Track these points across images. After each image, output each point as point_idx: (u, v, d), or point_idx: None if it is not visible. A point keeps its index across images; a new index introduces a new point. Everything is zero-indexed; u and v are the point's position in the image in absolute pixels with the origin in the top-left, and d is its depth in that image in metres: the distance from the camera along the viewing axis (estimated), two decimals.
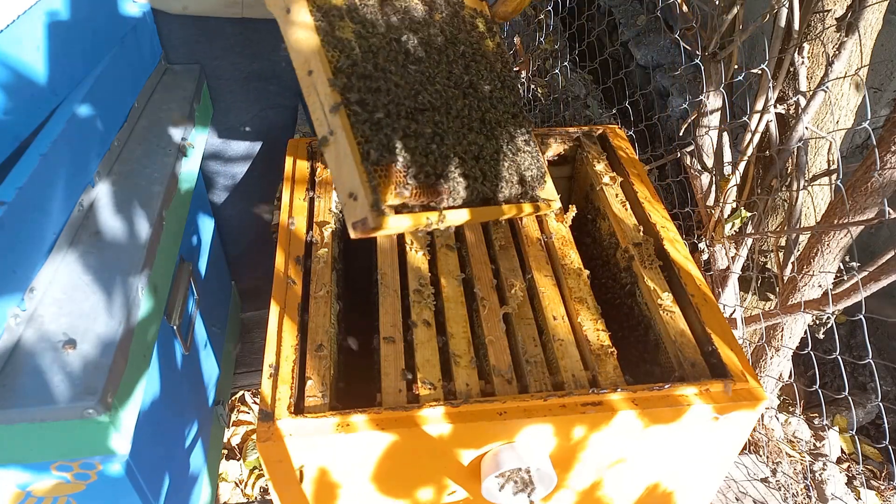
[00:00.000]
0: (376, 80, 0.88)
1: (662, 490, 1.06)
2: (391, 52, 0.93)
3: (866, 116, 1.32)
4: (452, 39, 1.07)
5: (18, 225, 0.93)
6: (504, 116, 1.09)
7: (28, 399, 0.85)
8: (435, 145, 0.93)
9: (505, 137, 1.08)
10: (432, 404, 0.90)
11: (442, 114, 0.97)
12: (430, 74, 0.98)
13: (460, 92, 1.03)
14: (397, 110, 0.89)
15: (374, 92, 0.87)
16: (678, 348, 1.01)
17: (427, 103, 0.93)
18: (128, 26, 1.35)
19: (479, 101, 1.06)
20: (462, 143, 0.98)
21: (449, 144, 0.95)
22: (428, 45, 1.00)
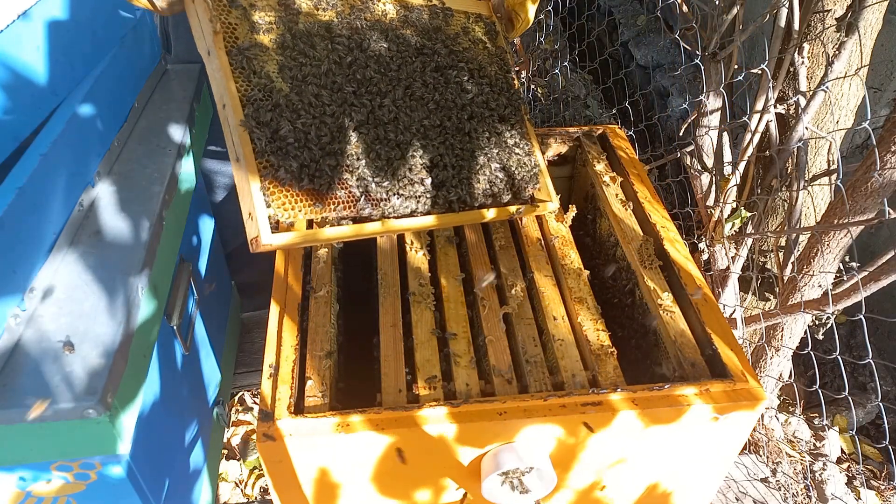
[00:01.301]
0: (285, 109, 0.94)
1: (662, 490, 1.06)
2: (323, 78, 1.00)
3: (866, 116, 1.32)
4: (420, 53, 1.12)
5: (18, 225, 0.93)
6: (489, 120, 1.13)
7: (29, 399, 0.85)
8: (341, 162, 0.96)
9: (484, 142, 1.11)
10: (432, 404, 0.90)
11: (388, 128, 1.03)
12: (381, 91, 1.04)
13: (426, 103, 1.08)
14: (308, 136, 0.94)
15: (281, 120, 0.93)
16: (678, 348, 1.01)
17: (363, 121, 1.01)
18: (128, 26, 1.35)
19: (452, 109, 1.10)
20: (418, 153, 1.04)
21: (388, 158, 1.01)
22: (382, 63, 1.07)
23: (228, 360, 1.79)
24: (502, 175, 1.12)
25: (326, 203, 0.94)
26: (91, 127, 1.17)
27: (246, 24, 0.98)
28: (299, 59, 0.99)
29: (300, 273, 1.10)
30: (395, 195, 1.00)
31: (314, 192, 0.93)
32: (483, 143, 1.11)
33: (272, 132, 0.92)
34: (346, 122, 0.99)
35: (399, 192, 1.00)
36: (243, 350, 1.95)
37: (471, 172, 1.08)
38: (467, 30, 1.20)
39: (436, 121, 1.08)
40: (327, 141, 0.96)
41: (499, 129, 1.14)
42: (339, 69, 1.02)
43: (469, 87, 1.13)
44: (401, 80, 1.07)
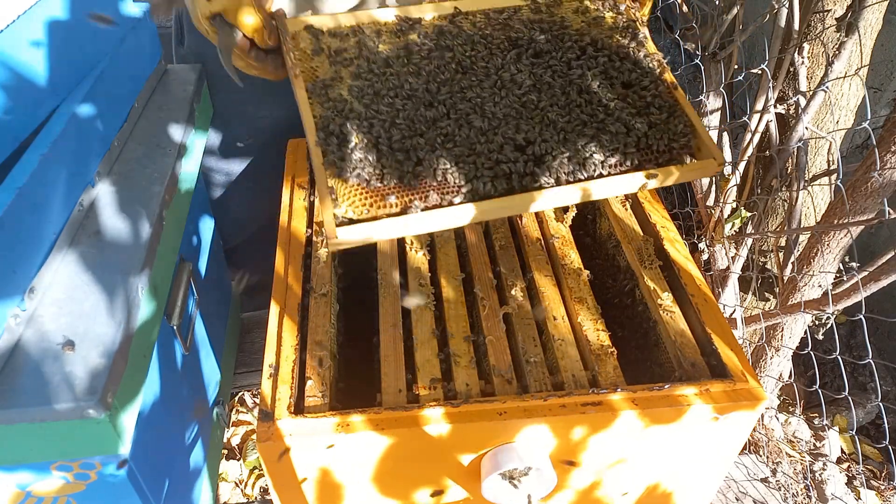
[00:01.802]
0: (355, 119, 1.00)
1: (662, 490, 1.06)
2: (397, 90, 1.04)
3: (866, 116, 1.32)
4: (515, 45, 1.11)
5: (18, 225, 0.93)
6: (607, 88, 1.07)
7: (28, 399, 0.85)
8: (412, 156, 0.97)
9: (600, 110, 1.05)
10: (432, 404, 0.90)
11: (470, 118, 1.01)
12: (465, 86, 1.05)
13: (518, 86, 1.06)
14: (378, 139, 0.97)
15: (349, 128, 0.98)
16: (678, 348, 1.01)
17: (442, 114, 1.01)
18: (128, 26, 1.35)
19: (553, 87, 1.06)
20: (507, 134, 1.00)
21: (471, 145, 0.99)
22: (467, 63, 1.08)
23: (228, 360, 1.79)
24: (628, 139, 1.03)
25: (402, 197, 0.94)
26: (91, 127, 1.17)
27: (327, 64, 1.06)
28: (373, 80, 1.04)
29: (300, 273, 1.10)
30: (479, 179, 0.96)
31: (387, 188, 0.94)
32: (597, 111, 1.05)
33: (340, 141, 0.96)
34: (421, 118, 1.00)
35: (483, 175, 0.96)
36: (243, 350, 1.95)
37: (578, 142, 1.01)
38: (581, 10, 1.18)
39: (531, 101, 1.04)
40: (397, 139, 0.97)
41: (622, 93, 1.08)
42: (416, 79, 1.05)
43: (576, 63, 1.10)
44: (489, 72, 1.07)
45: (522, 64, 1.09)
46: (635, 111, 1.05)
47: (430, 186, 0.95)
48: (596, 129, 1.02)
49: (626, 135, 1.02)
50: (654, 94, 1.07)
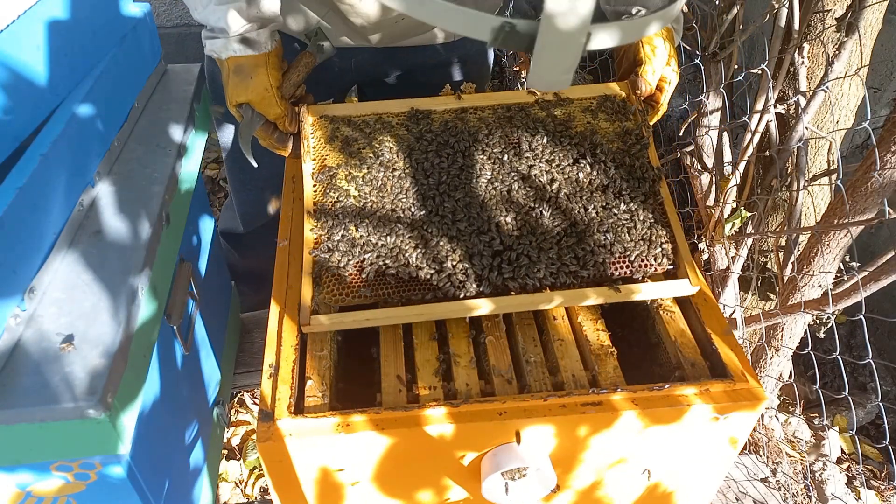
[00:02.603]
0: (346, 217, 1.07)
1: (662, 490, 1.06)
2: (390, 190, 1.10)
3: (866, 116, 1.32)
4: (513, 146, 1.14)
5: (18, 225, 0.93)
6: (596, 196, 1.08)
7: (28, 399, 0.85)
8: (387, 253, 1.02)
9: (581, 219, 1.06)
10: (432, 404, 0.90)
11: (447, 220, 1.05)
12: (453, 188, 1.09)
13: (501, 192, 1.09)
14: (358, 237, 1.04)
15: (338, 227, 1.06)
16: (678, 348, 1.01)
17: (424, 217, 1.06)
18: (128, 26, 1.35)
19: (539, 192, 1.09)
20: (482, 240, 1.04)
21: (447, 247, 1.03)
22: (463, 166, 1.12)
23: (228, 360, 1.79)
24: (603, 252, 1.04)
25: (375, 289, 1.01)
26: (91, 127, 1.17)
27: (338, 150, 1.14)
28: (373, 176, 1.10)
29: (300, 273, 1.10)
30: (446, 280, 1.00)
31: (361, 280, 1.01)
32: (581, 220, 1.06)
33: (329, 236, 1.04)
34: (403, 218, 1.06)
35: (453, 277, 1.00)
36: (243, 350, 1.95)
37: (548, 253, 1.03)
38: (589, 109, 1.19)
39: (517, 204, 1.07)
40: (375, 239, 1.03)
41: (611, 203, 1.08)
42: (412, 182, 1.10)
43: (569, 168, 1.11)
44: (483, 169, 1.11)
45: (518, 163, 1.11)
46: (620, 224, 1.06)
47: (405, 283, 1.00)
48: (575, 240, 1.04)
49: (604, 249, 1.04)
50: (642, 208, 1.08)
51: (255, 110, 1.12)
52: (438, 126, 1.16)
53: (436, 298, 1.00)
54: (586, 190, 1.09)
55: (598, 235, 1.04)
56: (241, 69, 1.09)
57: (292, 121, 1.15)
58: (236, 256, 1.92)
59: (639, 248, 1.04)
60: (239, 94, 1.10)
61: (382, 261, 1.01)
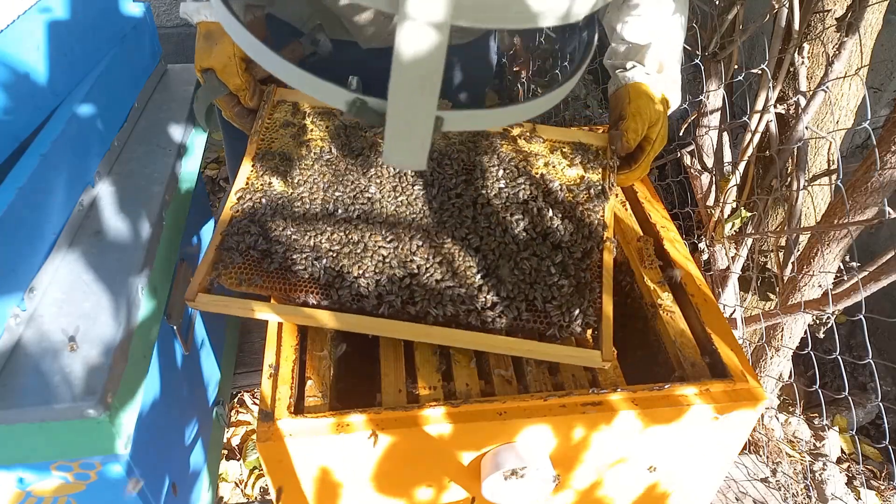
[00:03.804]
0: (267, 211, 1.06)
1: (662, 490, 1.06)
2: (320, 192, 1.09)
3: (866, 116, 1.32)
4: (466, 172, 1.11)
5: (18, 225, 0.93)
6: (530, 244, 1.03)
7: (28, 399, 0.85)
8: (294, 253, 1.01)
9: (504, 262, 1.01)
10: (432, 404, 0.90)
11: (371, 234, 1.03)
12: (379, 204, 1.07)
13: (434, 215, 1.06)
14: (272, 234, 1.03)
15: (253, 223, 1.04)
16: (678, 348, 1.01)
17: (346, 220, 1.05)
18: (128, 26, 1.35)
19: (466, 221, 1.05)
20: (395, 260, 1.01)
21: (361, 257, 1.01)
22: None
23: (228, 360, 1.79)
24: (522, 303, 0.98)
25: (274, 282, 0.99)
26: (91, 127, 1.17)
27: (288, 137, 1.13)
28: (309, 175, 1.10)
29: None
30: (346, 291, 0.97)
31: (262, 270, 1.00)
32: (506, 264, 1.01)
33: (248, 224, 1.03)
34: (327, 220, 1.04)
35: (354, 287, 0.97)
36: (243, 350, 1.95)
37: (460, 287, 0.98)
38: (552, 156, 1.15)
39: (437, 224, 1.04)
40: (291, 233, 1.02)
41: (546, 253, 1.02)
42: (348, 188, 1.08)
43: (515, 207, 1.07)
44: (421, 197, 1.08)
45: (465, 191, 1.08)
46: (548, 279, 1.00)
47: (305, 282, 0.98)
48: (496, 280, 0.99)
49: (523, 300, 0.98)
50: (574, 267, 1.02)
51: (218, 78, 1.10)
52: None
53: (331, 306, 0.97)
54: (525, 234, 1.04)
55: (520, 284, 0.99)
56: (210, 35, 1.09)
57: (253, 95, 1.13)
58: None
59: (557, 310, 0.97)
60: (203, 59, 1.09)
61: (291, 255, 0.99)
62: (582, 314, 0.97)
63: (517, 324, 0.97)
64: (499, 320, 0.96)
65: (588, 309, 0.98)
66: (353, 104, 0.61)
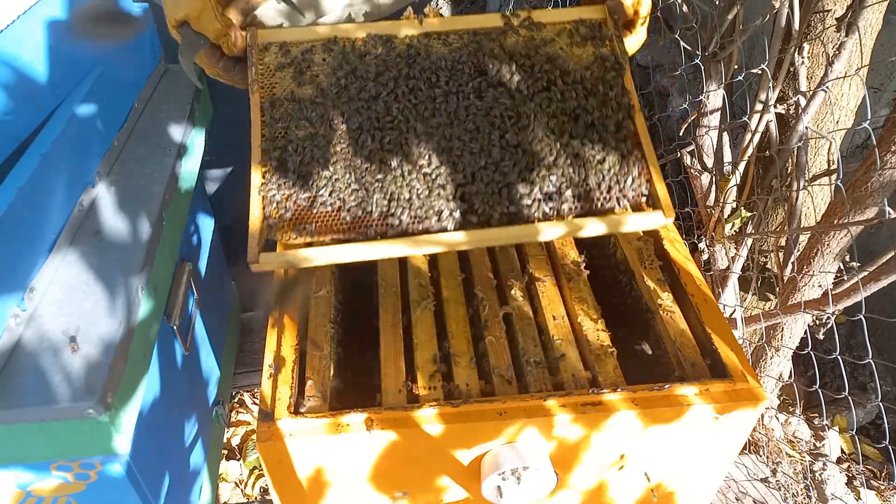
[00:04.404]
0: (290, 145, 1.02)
1: (662, 490, 1.06)
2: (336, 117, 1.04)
3: (866, 116, 1.32)
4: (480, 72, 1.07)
5: (18, 225, 0.93)
6: (564, 126, 1.02)
7: (28, 399, 0.85)
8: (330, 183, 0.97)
9: (546, 150, 1.01)
10: (432, 404, 0.90)
11: (395, 146, 1.00)
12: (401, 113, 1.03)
13: (458, 117, 1.03)
14: (303, 163, 0.99)
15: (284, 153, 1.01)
16: (678, 348, 1.01)
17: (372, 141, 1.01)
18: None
19: (499, 118, 1.03)
20: (434, 165, 0.99)
21: (395, 175, 0.98)
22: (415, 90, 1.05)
23: (228, 360, 1.79)
24: (574, 186, 0.99)
25: (322, 224, 0.95)
26: (91, 127, 1.17)
27: (289, 79, 1.06)
28: (327, 106, 1.04)
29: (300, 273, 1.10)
30: (400, 211, 0.95)
31: (310, 214, 0.96)
32: (551, 151, 1.00)
33: (279, 166, 0.99)
34: (358, 152, 1.00)
35: (403, 210, 0.95)
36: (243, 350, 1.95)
37: (518, 184, 0.98)
38: (562, 34, 1.12)
39: (469, 132, 1.02)
40: (329, 173, 0.98)
41: (582, 133, 1.02)
42: (370, 114, 1.03)
43: (539, 96, 1.05)
44: (447, 100, 1.04)
45: (485, 92, 1.05)
46: (591, 156, 1.01)
47: (358, 218, 0.95)
48: (545, 170, 0.99)
49: (572, 182, 0.99)
50: (615, 138, 1.02)
51: (196, 30, 1.02)
52: (401, 53, 1.08)
53: (394, 234, 0.94)
54: (556, 120, 1.04)
55: (567, 168, 0.99)
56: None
57: (236, 40, 1.05)
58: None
59: (608, 182, 0.99)
60: (175, 10, 1.00)
61: (336, 196, 0.96)
62: (634, 181, 1.00)
63: (576, 206, 0.99)
64: (560, 207, 0.98)
65: (639, 176, 1.01)
66: None
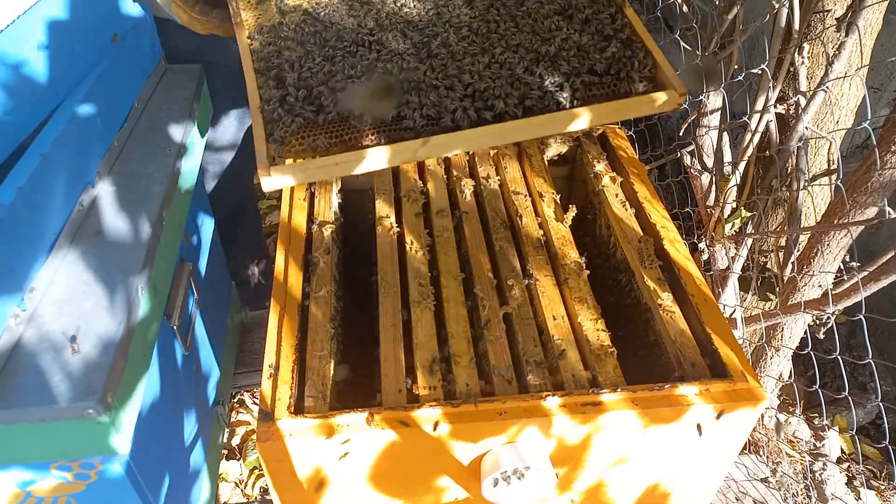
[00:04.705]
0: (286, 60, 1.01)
1: (662, 490, 1.06)
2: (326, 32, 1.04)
3: (866, 116, 1.32)
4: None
5: (18, 225, 0.93)
6: (559, 21, 1.06)
7: (28, 399, 0.85)
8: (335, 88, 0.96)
9: (547, 43, 1.03)
10: (432, 404, 0.90)
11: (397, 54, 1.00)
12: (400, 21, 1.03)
13: (455, 20, 1.04)
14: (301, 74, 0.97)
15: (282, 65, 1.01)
16: (678, 348, 1.01)
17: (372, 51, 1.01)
18: (128, 26, 1.35)
19: (496, 21, 1.05)
20: (439, 66, 0.99)
21: (403, 77, 0.97)
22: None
23: (228, 359, 1.79)
24: (583, 74, 1.01)
25: (333, 134, 0.94)
26: (91, 127, 1.17)
27: (273, 10, 1.06)
28: (318, 24, 1.04)
29: (300, 273, 1.10)
30: (413, 112, 0.94)
31: (318, 125, 0.95)
32: (545, 46, 1.03)
33: (277, 83, 0.98)
34: (358, 55, 1.00)
35: (415, 110, 0.94)
36: (243, 350, 1.95)
37: (522, 78, 0.99)
38: None
39: (468, 33, 1.03)
40: (317, 72, 0.97)
41: (579, 28, 1.06)
42: (362, 19, 1.04)
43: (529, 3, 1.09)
44: (438, 9, 1.06)
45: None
46: (593, 44, 1.05)
47: (367, 125, 0.94)
48: (550, 62, 1.02)
49: (580, 70, 1.02)
50: (612, 28, 1.07)
51: None
52: None
53: (409, 135, 0.94)
54: (551, 20, 1.07)
55: (573, 59, 1.03)
56: None
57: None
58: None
59: (616, 66, 1.03)
60: None
61: (342, 105, 0.94)
62: (639, 64, 1.04)
63: (589, 94, 1.01)
64: (573, 96, 1.00)
65: (644, 58, 1.05)
66: None
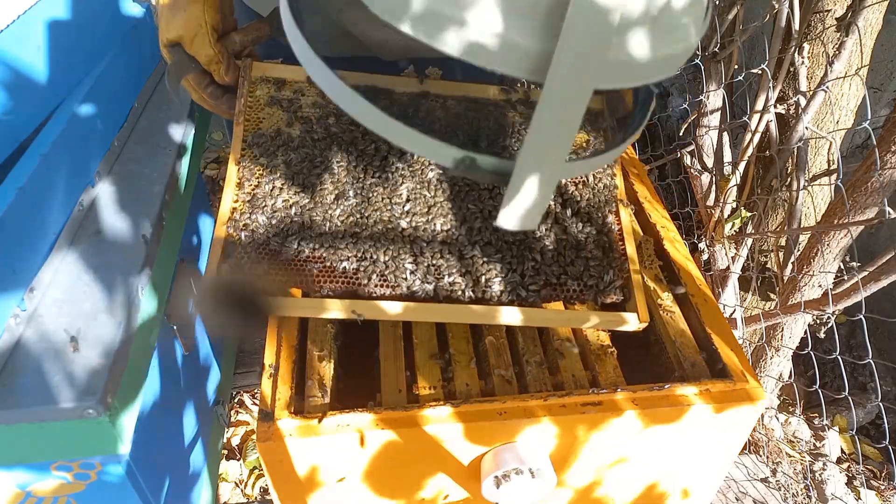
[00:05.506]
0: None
1: (662, 490, 1.06)
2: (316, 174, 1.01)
3: (866, 116, 1.32)
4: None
5: (18, 225, 0.93)
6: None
7: (28, 399, 0.85)
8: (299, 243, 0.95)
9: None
10: (432, 404, 0.90)
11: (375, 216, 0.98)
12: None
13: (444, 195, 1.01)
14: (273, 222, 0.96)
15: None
16: (678, 348, 1.01)
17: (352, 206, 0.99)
18: (128, 26, 1.35)
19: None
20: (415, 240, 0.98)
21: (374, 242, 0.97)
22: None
23: (228, 360, 1.79)
24: (546, 274, 0.98)
25: (290, 272, 0.95)
26: (91, 127, 1.17)
27: (278, 115, 1.04)
28: (309, 153, 1.02)
29: None
30: (367, 275, 0.94)
31: (276, 259, 0.95)
32: (526, 237, 0.99)
33: (252, 207, 0.97)
34: (333, 202, 0.98)
35: (378, 274, 0.95)
36: (243, 350, 1.95)
37: (490, 267, 0.97)
38: None
39: (460, 215, 1.00)
40: (300, 219, 0.97)
41: (566, 221, 1.02)
42: (351, 168, 1.02)
43: None
44: (426, 176, 1.02)
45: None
46: (571, 246, 1.01)
47: (323, 271, 0.95)
48: (516, 257, 0.98)
49: (545, 271, 0.99)
50: (597, 231, 1.02)
51: (187, 52, 1.00)
52: (396, 109, 1.05)
53: (349, 295, 0.94)
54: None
55: (545, 254, 0.99)
56: (176, 3, 0.97)
57: (228, 69, 1.02)
58: None
59: (585, 277, 0.99)
60: (168, 30, 0.98)
61: (306, 245, 0.94)
62: (611, 279, 1.00)
63: (552, 294, 0.98)
64: (533, 294, 0.98)
65: (617, 272, 1.01)
66: (461, 161, 0.57)
